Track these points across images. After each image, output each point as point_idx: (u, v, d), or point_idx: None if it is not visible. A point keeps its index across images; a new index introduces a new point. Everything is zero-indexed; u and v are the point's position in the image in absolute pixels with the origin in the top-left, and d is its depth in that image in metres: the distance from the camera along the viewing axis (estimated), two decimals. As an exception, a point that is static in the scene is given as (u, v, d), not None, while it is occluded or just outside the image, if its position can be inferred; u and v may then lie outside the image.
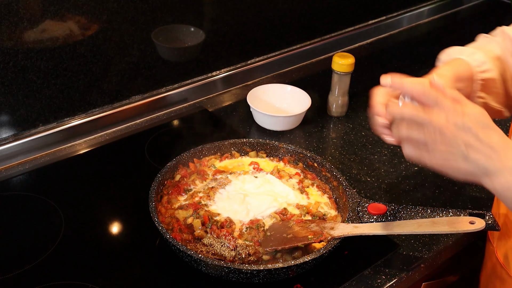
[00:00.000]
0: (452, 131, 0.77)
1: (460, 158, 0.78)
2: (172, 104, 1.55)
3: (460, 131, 0.77)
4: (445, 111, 0.78)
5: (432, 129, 0.79)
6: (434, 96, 0.79)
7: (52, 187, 1.24)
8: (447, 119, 0.78)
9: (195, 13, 1.53)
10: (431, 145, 0.79)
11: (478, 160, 0.77)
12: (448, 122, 0.78)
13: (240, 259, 1.00)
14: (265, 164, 1.26)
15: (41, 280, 1.00)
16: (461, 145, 0.77)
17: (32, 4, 1.21)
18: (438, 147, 0.79)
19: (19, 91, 1.28)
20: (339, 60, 1.46)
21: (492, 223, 0.98)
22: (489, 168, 0.78)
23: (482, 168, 0.78)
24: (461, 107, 0.78)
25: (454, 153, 0.78)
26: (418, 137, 0.80)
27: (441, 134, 0.78)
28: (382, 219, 1.05)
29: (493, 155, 0.77)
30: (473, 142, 0.77)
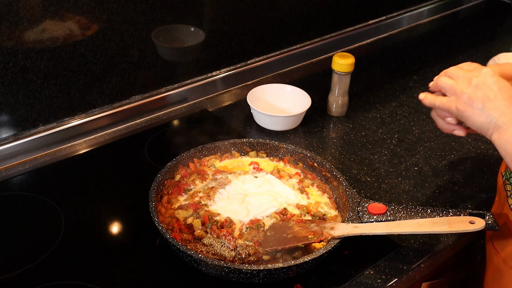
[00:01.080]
0: (478, 84, 0.91)
1: (478, 109, 0.91)
2: (172, 104, 1.55)
3: (485, 86, 0.90)
4: (478, 71, 0.93)
5: (465, 81, 0.93)
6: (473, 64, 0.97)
7: (52, 187, 1.24)
8: (477, 75, 0.92)
9: (195, 13, 1.53)
10: (459, 93, 0.93)
11: (492, 114, 0.90)
12: (477, 78, 0.91)
13: (240, 259, 1.00)
14: (265, 164, 1.26)
15: (41, 280, 1.00)
16: (481, 97, 0.90)
17: (32, 4, 1.21)
18: (464, 96, 0.92)
19: (19, 91, 1.28)
20: (339, 60, 1.45)
21: (492, 223, 0.98)
22: (498, 123, 0.89)
23: (494, 122, 0.89)
24: (493, 72, 0.92)
25: (474, 105, 0.91)
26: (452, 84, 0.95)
27: (469, 85, 0.92)
28: (382, 219, 1.05)
29: (507, 112, 0.89)
30: (493, 97, 0.90)
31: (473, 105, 0.91)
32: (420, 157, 1.38)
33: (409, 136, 1.47)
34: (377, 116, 1.56)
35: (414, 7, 2.16)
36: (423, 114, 1.57)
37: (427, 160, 1.37)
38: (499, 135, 0.90)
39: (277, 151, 1.27)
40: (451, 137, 1.47)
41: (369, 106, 1.59)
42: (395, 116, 1.56)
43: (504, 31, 2.17)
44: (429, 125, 1.52)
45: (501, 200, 1.08)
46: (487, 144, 1.43)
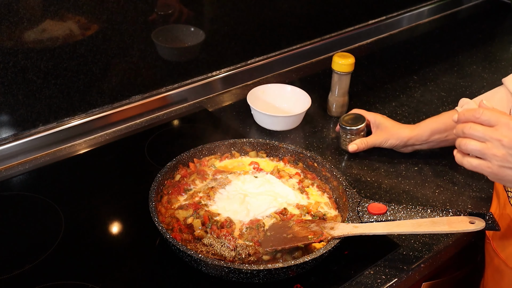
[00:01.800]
0: (511, 144, 0.85)
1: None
2: (172, 104, 1.55)
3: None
4: (505, 126, 0.86)
5: (495, 142, 0.86)
6: (493, 116, 0.87)
7: (52, 187, 1.24)
8: (507, 134, 0.85)
9: (195, 13, 1.53)
10: (492, 157, 0.87)
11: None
12: (509, 137, 0.85)
13: (240, 259, 1.00)
14: (265, 164, 1.26)
15: (41, 280, 1.00)
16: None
17: (32, 4, 1.21)
18: (498, 159, 0.86)
19: (19, 91, 1.28)
20: (339, 60, 1.45)
21: (492, 223, 0.98)
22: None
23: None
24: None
25: (510, 167, 0.86)
26: (482, 148, 0.88)
27: (501, 147, 0.86)
28: (382, 219, 1.05)
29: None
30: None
31: (509, 168, 0.86)
32: (420, 157, 1.38)
33: (409, 136, 1.47)
34: (377, 116, 1.55)
35: (414, 7, 2.16)
36: (423, 114, 1.57)
37: (427, 160, 1.37)
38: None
39: (277, 151, 1.27)
40: (451, 137, 1.47)
41: (369, 106, 1.59)
42: (395, 116, 1.56)
43: (504, 31, 2.17)
44: (429, 125, 1.52)
45: (500, 201, 1.08)
46: (487, 144, 1.43)
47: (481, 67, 1.84)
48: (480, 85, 1.73)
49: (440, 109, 1.59)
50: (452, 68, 1.83)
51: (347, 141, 1.37)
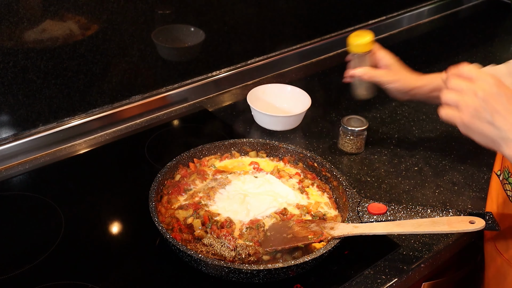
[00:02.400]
0: (484, 97, 0.86)
1: (486, 122, 0.86)
2: (172, 104, 1.55)
3: (492, 98, 0.86)
4: (483, 81, 0.87)
5: (470, 94, 0.88)
6: (474, 72, 0.89)
7: (52, 187, 1.24)
8: (483, 87, 0.87)
9: (195, 13, 1.53)
10: (465, 107, 0.88)
11: (502, 127, 0.85)
12: (484, 90, 0.86)
13: (240, 259, 1.00)
14: (265, 164, 1.26)
15: (41, 280, 1.00)
16: (489, 111, 0.86)
17: (32, 4, 1.21)
18: (470, 109, 0.87)
19: (19, 91, 1.28)
20: (355, 41, 1.27)
21: (492, 223, 0.98)
22: (509, 134, 0.85)
23: (504, 135, 0.86)
24: (498, 81, 0.87)
25: (481, 119, 0.87)
26: (458, 99, 0.89)
27: (475, 98, 0.87)
28: (382, 219, 1.05)
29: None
30: (502, 110, 0.85)
31: (481, 119, 0.87)
32: (420, 157, 1.38)
33: (409, 136, 1.47)
34: (377, 116, 1.56)
35: (414, 7, 2.16)
36: (423, 114, 1.57)
37: (427, 160, 1.37)
38: (510, 149, 0.86)
39: (277, 151, 1.27)
40: (451, 137, 1.47)
41: (369, 106, 1.59)
42: (395, 116, 1.56)
43: (504, 31, 2.17)
44: (429, 125, 1.52)
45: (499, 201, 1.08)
46: (487, 144, 1.43)
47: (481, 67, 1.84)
48: (480, 85, 1.73)
49: (440, 109, 1.59)
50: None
51: (347, 142, 1.37)
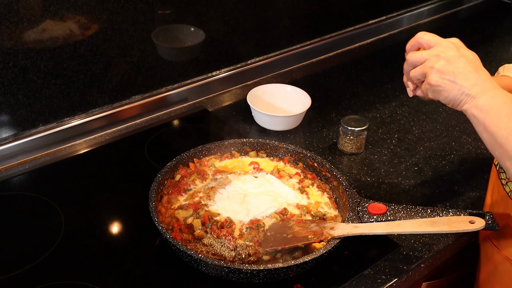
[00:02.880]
0: (447, 57, 0.92)
1: (449, 82, 0.91)
2: (172, 104, 1.55)
3: (454, 59, 0.92)
4: (443, 46, 0.95)
5: (433, 58, 0.94)
6: (433, 37, 0.98)
7: (52, 187, 1.24)
8: (444, 51, 0.94)
9: (195, 13, 1.53)
10: (429, 70, 0.94)
11: (464, 84, 0.90)
12: (445, 52, 0.93)
13: (240, 259, 1.00)
14: (265, 164, 1.26)
15: (41, 280, 1.00)
16: (451, 71, 0.91)
17: (32, 4, 1.21)
18: (435, 71, 0.93)
19: (19, 91, 1.28)
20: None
21: (492, 223, 0.98)
22: (471, 92, 0.90)
23: (466, 91, 0.91)
24: (462, 47, 0.95)
25: (445, 77, 0.92)
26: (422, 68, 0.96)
27: (439, 60, 0.93)
28: (382, 219, 1.05)
29: (477, 82, 0.90)
30: (463, 70, 0.91)
31: (444, 78, 0.92)
32: (420, 157, 1.38)
33: (409, 136, 1.47)
34: (377, 116, 1.56)
35: (414, 7, 2.16)
36: (423, 114, 1.57)
37: (427, 160, 1.37)
38: (471, 105, 0.91)
39: (277, 151, 1.27)
40: (451, 137, 1.47)
41: (369, 106, 1.59)
42: (395, 116, 1.56)
43: (504, 31, 2.17)
44: (429, 125, 1.52)
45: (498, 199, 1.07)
46: (487, 144, 1.43)
47: (481, 67, 1.84)
48: (480, 85, 1.73)
49: (440, 109, 1.59)
50: (452, 68, 1.83)
51: (347, 142, 1.37)
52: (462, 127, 1.51)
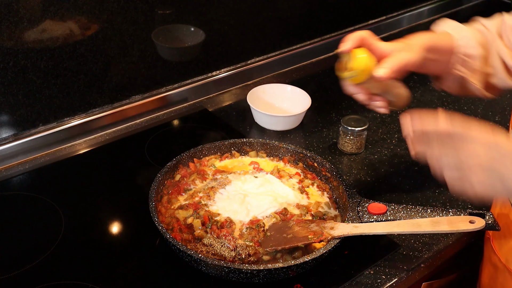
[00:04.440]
0: (486, 158, 0.78)
1: (498, 181, 0.78)
2: (172, 104, 1.55)
3: (495, 159, 0.77)
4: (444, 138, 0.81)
5: (448, 166, 0.81)
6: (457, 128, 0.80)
7: (52, 187, 1.24)
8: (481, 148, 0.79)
9: (195, 13, 1.53)
10: (467, 172, 0.80)
11: (503, 171, 0.77)
12: (481, 151, 0.78)
13: (240, 259, 1.00)
14: (265, 164, 1.26)
15: (41, 280, 1.00)
16: (498, 169, 0.77)
17: (32, 4, 1.21)
18: (476, 175, 0.79)
19: (19, 91, 1.28)
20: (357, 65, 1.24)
21: (492, 222, 0.98)
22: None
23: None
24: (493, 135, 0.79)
25: (492, 178, 0.78)
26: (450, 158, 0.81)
27: (477, 163, 0.79)
28: (382, 219, 1.05)
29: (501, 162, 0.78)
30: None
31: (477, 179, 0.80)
32: (420, 157, 1.38)
33: (409, 136, 1.47)
34: (377, 116, 1.55)
35: (414, 7, 2.16)
36: (423, 114, 1.57)
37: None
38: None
39: (277, 151, 1.27)
40: (451, 137, 1.46)
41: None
42: (395, 116, 1.56)
43: (504, 31, 2.17)
44: (429, 125, 1.52)
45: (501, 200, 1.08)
46: (487, 144, 1.43)
47: (481, 67, 1.84)
48: (480, 85, 1.73)
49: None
50: (452, 68, 1.83)
51: (347, 142, 1.37)
52: (462, 127, 1.51)
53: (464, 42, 1.03)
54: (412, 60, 0.95)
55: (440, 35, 1.05)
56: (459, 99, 1.65)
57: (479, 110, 1.59)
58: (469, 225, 0.97)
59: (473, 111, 1.59)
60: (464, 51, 1.03)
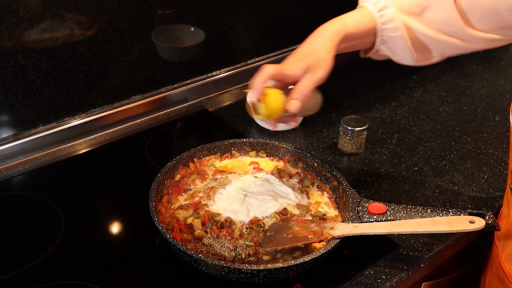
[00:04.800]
0: None
1: None
2: (172, 104, 1.55)
3: None
4: None
5: None
6: None
7: (52, 187, 1.24)
8: None
9: (195, 13, 1.53)
10: None
11: None
12: None
13: (240, 259, 1.00)
14: (265, 164, 1.26)
15: (41, 280, 1.00)
16: None
17: (32, 4, 1.21)
18: None
19: (19, 91, 1.28)
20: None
21: (492, 222, 0.98)
22: None
23: None
24: None
25: None
26: None
27: None
28: (382, 219, 1.05)
29: None
30: None
31: None
32: (420, 157, 1.38)
33: (409, 136, 1.47)
34: (377, 116, 1.56)
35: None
36: (423, 114, 1.57)
37: (427, 160, 1.37)
38: None
39: (277, 151, 1.27)
40: (451, 137, 1.47)
41: (369, 106, 1.59)
42: (395, 116, 1.56)
43: (504, 31, 2.17)
44: (429, 125, 1.52)
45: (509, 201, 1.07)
46: (487, 144, 1.43)
47: (481, 67, 1.84)
48: (480, 85, 1.73)
49: (440, 109, 1.59)
50: (452, 68, 1.84)
51: (347, 142, 1.37)
52: (462, 127, 1.51)
53: (385, 19, 0.99)
54: (322, 78, 0.97)
55: (359, 16, 1.01)
56: (459, 99, 1.65)
57: (479, 110, 1.59)
58: (469, 225, 0.97)
59: (473, 111, 1.59)
60: (386, 34, 1.00)
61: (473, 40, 1.01)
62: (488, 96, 1.67)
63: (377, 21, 1.00)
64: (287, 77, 0.95)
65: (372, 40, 1.03)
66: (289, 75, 0.95)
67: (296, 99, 0.94)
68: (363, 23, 1.01)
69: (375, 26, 1.01)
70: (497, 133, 1.48)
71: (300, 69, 0.95)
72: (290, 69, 0.95)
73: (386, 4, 1.01)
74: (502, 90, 1.71)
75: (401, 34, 1.01)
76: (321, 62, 0.97)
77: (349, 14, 1.02)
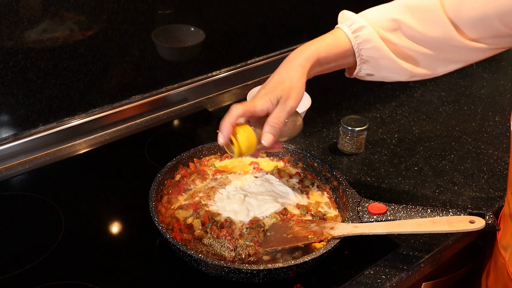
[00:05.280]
0: None
1: None
2: (172, 104, 1.55)
3: None
4: None
5: None
6: None
7: (52, 187, 1.24)
8: None
9: (195, 13, 1.53)
10: None
11: None
12: None
13: (240, 259, 1.00)
14: (265, 164, 1.26)
15: (41, 280, 1.00)
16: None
17: (32, 4, 1.21)
18: None
19: (19, 91, 1.28)
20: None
21: (492, 222, 0.98)
22: None
23: None
24: None
25: None
26: None
27: None
28: (382, 219, 1.05)
29: None
30: None
31: None
32: (420, 157, 1.38)
33: (409, 136, 1.47)
34: (377, 116, 1.56)
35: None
36: (423, 114, 1.57)
37: (427, 160, 1.37)
38: None
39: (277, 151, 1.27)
40: (451, 137, 1.47)
41: (369, 106, 1.59)
42: (395, 116, 1.56)
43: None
44: (429, 125, 1.52)
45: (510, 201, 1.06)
46: (487, 144, 1.43)
47: (481, 67, 1.84)
48: (480, 85, 1.73)
49: (440, 109, 1.59)
50: (452, 68, 1.83)
51: (347, 142, 1.37)
52: (462, 127, 1.51)
53: (360, 40, 0.98)
54: (293, 107, 0.96)
55: (333, 39, 1.01)
56: (459, 99, 1.65)
57: (479, 110, 1.59)
58: (469, 225, 0.97)
59: (473, 111, 1.59)
60: (365, 54, 0.99)
61: (460, 51, 0.99)
62: (488, 96, 1.67)
63: (352, 42, 0.99)
64: (257, 112, 0.94)
65: (352, 61, 1.01)
66: (259, 111, 0.94)
67: (268, 133, 0.94)
68: (336, 45, 1.00)
69: (351, 47, 1.00)
70: (497, 133, 1.48)
71: (269, 102, 0.94)
72: (259, 104, 0.94)
73: (362, 25, 1.00)
74: (502, 90, 1.71)
75: (384, 54, 0.99)
76: (292, 91, 0.95)
77: (323, 37, 1.01)
